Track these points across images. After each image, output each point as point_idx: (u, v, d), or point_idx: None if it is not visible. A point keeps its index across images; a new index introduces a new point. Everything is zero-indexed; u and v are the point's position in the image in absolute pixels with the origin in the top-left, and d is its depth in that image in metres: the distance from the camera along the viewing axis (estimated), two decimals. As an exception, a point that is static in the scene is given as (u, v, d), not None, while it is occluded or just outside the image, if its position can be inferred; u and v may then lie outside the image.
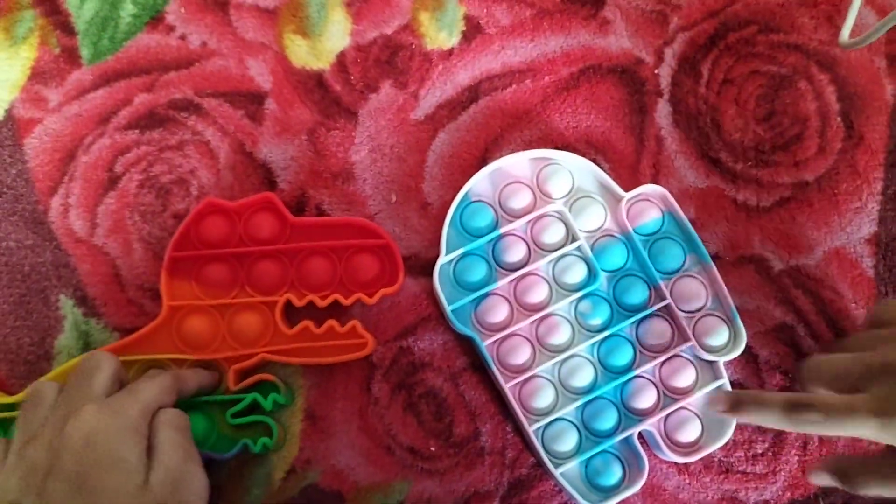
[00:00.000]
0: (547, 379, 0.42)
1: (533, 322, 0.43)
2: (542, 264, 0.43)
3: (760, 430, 0.44)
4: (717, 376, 0.43)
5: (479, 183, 0.44)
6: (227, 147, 0.46)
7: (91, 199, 0.46)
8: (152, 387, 0.36)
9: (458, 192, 0.44)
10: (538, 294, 0.43)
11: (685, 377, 0.43)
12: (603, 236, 0.44)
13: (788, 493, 0.43)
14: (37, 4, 0.48)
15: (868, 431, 0.34)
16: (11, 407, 0.41)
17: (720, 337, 0.43)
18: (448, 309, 0.42)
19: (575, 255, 0.43)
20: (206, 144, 0.46)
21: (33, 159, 0.46)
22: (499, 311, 0.43)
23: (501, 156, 0.46)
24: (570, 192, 0.44)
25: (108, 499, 0.31)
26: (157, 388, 0.36)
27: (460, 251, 0.43)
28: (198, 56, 0.47)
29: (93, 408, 0.33)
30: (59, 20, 0.48)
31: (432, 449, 0.43)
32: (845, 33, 0.45)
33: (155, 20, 0.48)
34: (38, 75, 0.47)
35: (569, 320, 0.43)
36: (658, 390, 0.43)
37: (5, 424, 0.41)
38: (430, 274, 0.43)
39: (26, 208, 0.45)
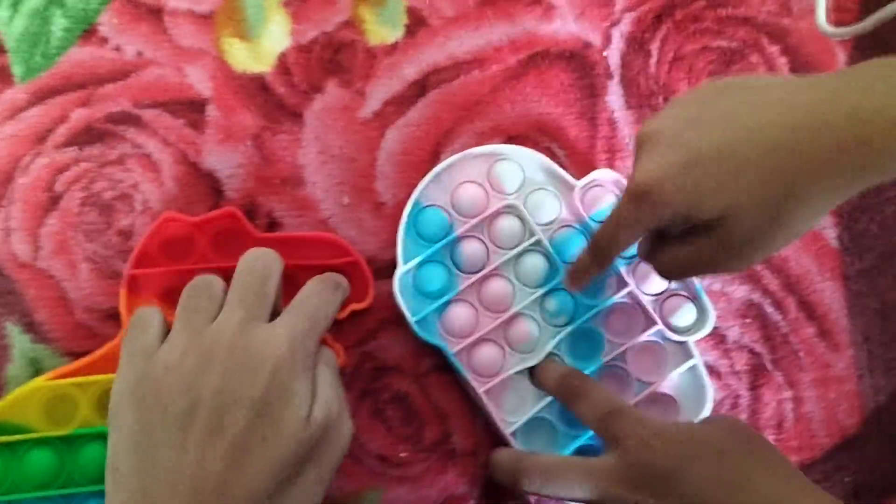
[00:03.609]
0: (518, 379, 0.42)
1: (499, 323, 0.42)
2: (501, 263, 0.42)
3: (736, 407, 0.43)
4: (688, 356, 0.42)
5: (429, 187, 0.43)
6: (170, 158, 0.44)
7: (32, 221, 0.44)
8: (325, 312, 0.36)
9: (412, 189, 0.42)
10: (501, 294, 0.42)
11: (656, 361, 0.42)
12: (560, 228, 0.43)
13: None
14: (-36, 23, 0.46)
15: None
16: None
17: (687, 316, 0.42)
18: (412, 320, 0.41)
19: (534, 251, 0.42)
20: (148, 157, 0.44)
21: (-32, 185, 0.44)
22: (463, 317, 0.42)
23: (453, 150, 0.45)
24: (521, 185, 0.43)
25: (281, 427, 0.31)
26: (328, 312, 0.36)
27: (417, 259, 0.42)
28: (134, 67, 0.45)
29: (283, 334, 0.33)
30: (-13, 38, 0.46)
31: (402, 455, 0.42)
32: (821, 16, 0.43)
33: (88, 33, 0.46)
34: (-31, 97, 0.45)
35: (535, 318, 0.42)
36: (631, 377, 0.42)
37: None
38: (389, 276, 0.42)
39: (-36, 236, 0.44)
